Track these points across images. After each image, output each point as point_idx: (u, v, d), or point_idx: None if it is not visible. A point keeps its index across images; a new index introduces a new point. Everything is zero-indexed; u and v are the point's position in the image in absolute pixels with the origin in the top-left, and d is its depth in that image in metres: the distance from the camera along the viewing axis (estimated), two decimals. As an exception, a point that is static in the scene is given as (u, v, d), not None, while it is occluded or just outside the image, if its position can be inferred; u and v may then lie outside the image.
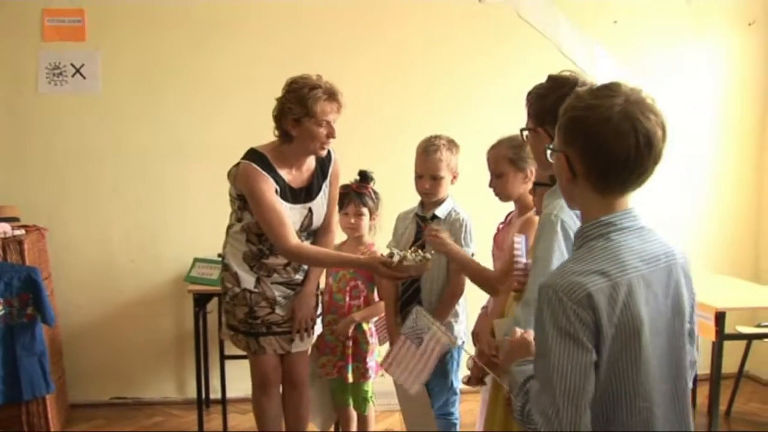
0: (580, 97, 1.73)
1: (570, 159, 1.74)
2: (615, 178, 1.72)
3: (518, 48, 5.22)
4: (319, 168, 3.56)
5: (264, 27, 5.03)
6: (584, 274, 1.66)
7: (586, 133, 1.70)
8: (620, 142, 1.66)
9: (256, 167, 3.33)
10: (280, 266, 3.51)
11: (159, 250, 5.07)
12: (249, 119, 4.88)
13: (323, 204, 3.56)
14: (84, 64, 4.92)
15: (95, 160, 4.99)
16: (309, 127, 3.33)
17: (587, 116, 1.69)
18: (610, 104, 1.67)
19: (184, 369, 5.15)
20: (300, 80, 3.35)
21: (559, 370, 1.62)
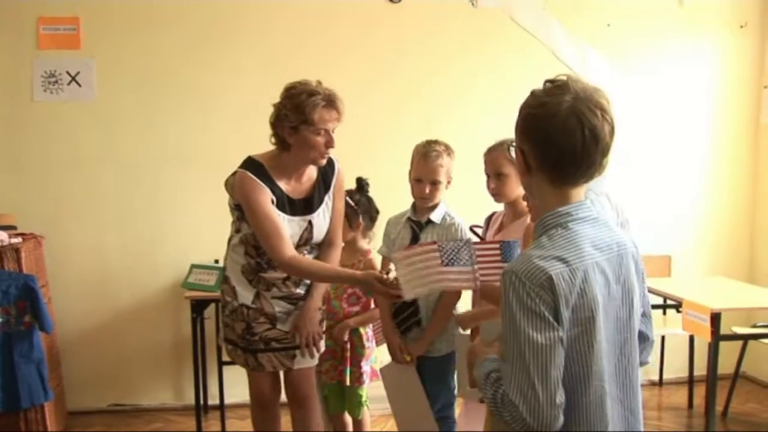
0: (535, 95, 1.83)
1: (525, 153, 1.85)
2: (566, 170, 1.81)
3: (511, 52, 5.25)
4: (321, 179, 3.39)
5: (258, 33, 5.05)
6: (545, 259, 1.76)
7: (538, 128, 1.80)
8: (567, 137, 1.76)
9: (252, 176, 3.19)
10: (279, 280, 3.34)
11: (156, 256, 5.07)
12: (245, 126, 4.94)
13: (325, 217, 3.39)
14: (79, 71, 4.93)
15: (91, 167, 5.00)
16: (306, 136, 3.17)
17: (538, 113, 1.79)
18: (558, 101, 1.77)
19: (182, 375, 5.14)
20: (298, 86, 3.21)
21: (531, 346, 1.70)
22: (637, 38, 5.41)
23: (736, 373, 4.98)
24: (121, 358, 5.10)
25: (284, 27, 5.05)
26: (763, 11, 5.58)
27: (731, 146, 5.61)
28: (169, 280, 5.07)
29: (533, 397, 1.69)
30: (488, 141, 3.32)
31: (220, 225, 4.93)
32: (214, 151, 5.02)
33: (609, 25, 5.38)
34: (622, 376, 1.88)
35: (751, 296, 4.70)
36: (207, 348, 4.92)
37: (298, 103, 3.15)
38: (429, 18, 5.15)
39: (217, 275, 4.62)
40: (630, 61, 5.32)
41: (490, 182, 3.28)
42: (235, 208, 3.35)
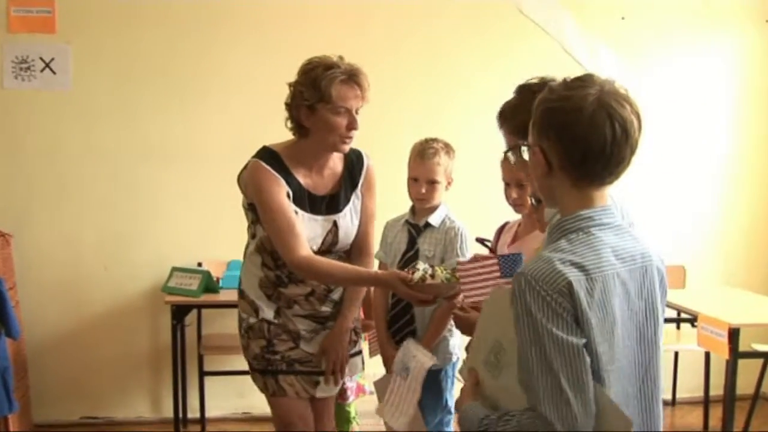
0: (553, 89, 1.78)
1: (545, 151, 1.78)
2: (592, 168, 1.75)
3: (520, 45, 5.19)
4: (348, 174, 3.11)
5: (245, 25, 5.00)
6: (564, 263, 1.70)
7: (562, 123, 1.74)
8: (596, 131, 1.71)
9: (265, 165, 2.93)
10: (301, 297, 3.05)
11: (134, 257, 4.99)
12: (232, 121, 5.01)
13: (352, 219, 3.10)
14: (54, 58, 4.82)
15: (65, 161, 4.90)
16: (324, 116, 2.89)
17: (562, 107, 1.74)
18: (584, 94, 1.72)
19: (160, 386, 5.05)
20: (315, 60, 2.96)
21: (560, 350, 1.64)
22: (654, 32, 5.35)
23: (756, 394, 4.85)
24: (95, 366, 5.00)
25: (272, 20, 5.01)
26: (792, 4, 5.45)
27: (752, 149, 5.53)
28: (149, 283, 5.00)
29: (568, 410, 1.63)
30: (492, 140, 3.16)
31: (204, 225, 4.98)
32: (199, 146, 4.99)
33: (624, 18, 5.32)
34: (647, 401, 1.80)
35: None
36: (187, 357, 4.84)
37: (314, 77, 2.88)
38: (430, 10, 5.07)
39: (200, 279, 4.59)
40: (645, 57, 5.26)
41: (510, 191, 3.15)
42: (248, 208, 3.07)
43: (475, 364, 1.93)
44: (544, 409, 1.64)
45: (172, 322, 4.52)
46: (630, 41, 5.29)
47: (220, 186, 4.76)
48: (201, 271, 4.66)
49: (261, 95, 4.86)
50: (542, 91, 1.85)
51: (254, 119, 4.85)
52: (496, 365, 1.85)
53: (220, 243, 4.96)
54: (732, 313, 4.21)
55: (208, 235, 5.05)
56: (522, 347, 1.67)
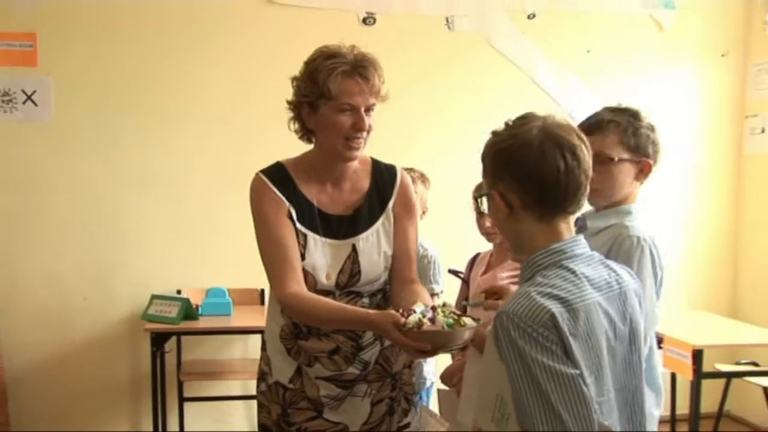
0: (497, 133, 1.79)
1: (503, 194, 1.77)
2: (553, 200, 1.74)
3: (491, 77, 5.28)
4: (375, 190, 2.54)
5: (223, 53, 4.98)
6: (543, 296, 1.65)
7: (513, 161, 1.73)
8: (547, 161, 1.70)
9: (263, 177, 2.46)
10: (323, 354, 2.47)
11: (114, 285, 4.95)
12: (211, 149, 4.98)
13: (380, 244, 2.50)
14: (35, 90, 4.80)
15: (46, 190, 4.86)
16: (326, 114, 2.37)
17: (510, 145, 1.74)
18: (528, 128, 1.73)
19: (140, 412, 5.00)
20: (322, 48, 2.45)
21: (555, 381, 1.58)
22: (618, 64, 5.43)
23: (719, 412, 4.97)
24: (75, 393, 4.94)
25: (250, 47, 5.00)
26: (744, 40, 5.67)
27: (713, 177, 5.65)
28: (128, 310, 4.95)
29: None
30: (465, 169, 3.19)
31: (183, 253, 4.97)
32: (178, 175, 4.97)
33: (589, 51, 5.41)
34: (634, 427, 1.78)
35: (734, 332, 4.71)
36: (167, 383, 4.79)
37: (312, 69, 2.39)
38: (404, 40, 5.13)
39: (179, 307, 4.55)
40: (610, 87, 5.31)
41: (483, 221, 3.18)
42: None
43: (483, 422, 1.80)
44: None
45: (152, 349, 4.49)
46: (595, 73, 5.37)
47: (199, 214, 4.94)
48: (180, 299, 4.63)
49: (239, 122, 4.95)
50: None
51: (232, 146, 4.90)
52: (501, 419, 1.75)
53: (199, 271, 4.98)
54: (695, 335, 4.26)
55: (187, 263, 5.02)
56: (515, 387, 1.61)
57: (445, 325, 2.12)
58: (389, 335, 2.16)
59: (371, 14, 5.09)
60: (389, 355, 2.53)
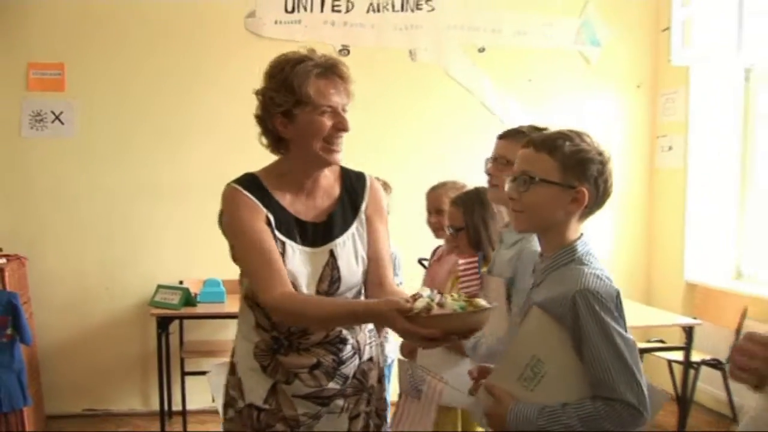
0: (573, 139, 1.88)
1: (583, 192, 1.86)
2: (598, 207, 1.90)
3: (446, 100, 5.49)
4: (347, 196, 2.27)
5: (218, 80, 5.19)
6: (607, 279, 1.79)
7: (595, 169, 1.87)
8: (612, 177, 1.90)
9: (238, 187, 2.15)
10: (304, 369, 2.17)
11: (127, 277, 5.20)
12: (206, 162, 5.16)
13: (356, 248, 2.22)
14: (63, 111, 5.08)
15: (71, 197, 5.13)
16: (305, 119, 2.08)
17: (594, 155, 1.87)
18: (601, 145, 1.91)
19: (148, 384, 5.23)
20: (280, 57, 2.14)
21: (627, 346, 1.72)
22: (554, 91, 5.68)
23: None
24: (95, 367, 5.19)
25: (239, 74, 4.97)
26: (654, 74, 5.91)
27: (631, 186, 5.80)
28: (139, 298, 5.17)
29: (640, 392, 1.71)
30: (420, 178, 3.54)
31: (185, 249, 5.19)
32: (180, 184, 5.20)
33: (530, 80, 5.67)
34: None
35: (647, 315, 4.84)
36: (171, 360, 5.00)
37: (283, 78, 2.09)
38: (374, 68, 5.27)
39: (180, 295, 4.70)
40: (547, 110, 5.53)
41: (431, 218, 3.38)
42: (234, 254, 2.25)
43: (503, 380, 1.80)
44: (625, 395, 1.68)
45: (158, 331, 4.65)
46: (535, 98, 5.63)
47: (198, 215, 4.97)
48: (181, 288, 4.78)
49: (230, 138, 5.06)
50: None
51: (225, 159, 4.96)
52: (533, 378, 1.77)
53: (198, 264, 5.13)
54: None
55: (187, 258, 5.22)
56: (595, 350, 1.69)
57: (457, 308, 1.81)
58: (394, 324, 1.86)
59: (346, 46, 5.31)
60: (366, 369, 2.26)
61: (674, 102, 5.69)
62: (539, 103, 5.61)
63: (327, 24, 5.33)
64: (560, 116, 5.51)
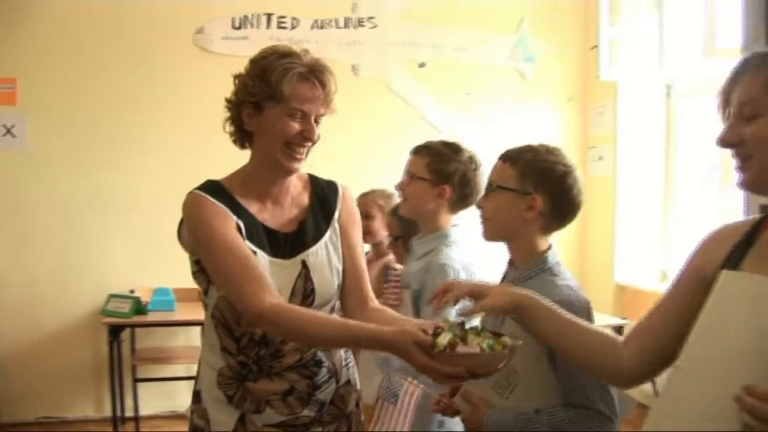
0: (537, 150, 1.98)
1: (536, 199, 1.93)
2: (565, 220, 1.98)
3: (388, 113, 5.64)
4: (318, 203, 2.10)
5: (168, 93, 5.29)
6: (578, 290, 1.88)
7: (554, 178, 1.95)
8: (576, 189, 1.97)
9: (203, 194, 1.95)
10: (276, 396, 1.97)
11: (80, 286, 5.22)
12: (156, 173, 5.24)
13: (330, 258, 2.04)
14: (14, 125, 5.10)
15: (24, 207, 5.15)
16: (272, 116, 1.92)
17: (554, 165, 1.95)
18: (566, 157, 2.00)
19: (101, 391, 5.23)
20: (270, 47, 1.99)
21: None
22: (490, 105, 5.87)
23: None
24: (49, 375, 5.19)
25: (188, 87, 5.28)
26: (584, 89, 6.14)
27: None
28: (91, 307, 5.18)
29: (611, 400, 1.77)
30: (366, 182, 3.65)
31: (136, 259, 5.24)
32: (132, 195, 5.25)
33: (468, 94, 5.85)
34: None
35: None
36: (123, 366, 5.06)
37: (263, 67, 1.92)
38: None
39: (130, 304, 4.75)
40: (484, 123, 5.71)
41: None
42: (197, 269, 2.02)
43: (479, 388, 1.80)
44: (597, 403, 1.72)
45: (110, 339, 4.70)
46: (473, 111, 5.80)
47: (149, 225, 5.15)
48: (132, 297, 4.81)
49: (180, 150, 5.22)
50: None
51: (173, 170, 5.12)
52: (507, 386, 1.79)
53: (149, 273, 5.18)
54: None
55: (138, 266, 5.25)
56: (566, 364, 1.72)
57: (484, 345, 1.64)
58: (412, 358, 1.66)
59: None
60: (344, 393, 2.09)
61: (603, 115, 5.93)
62: (477, 116, 5.78)
63: (273, 40, 5.30)
64: (498, 129, 5.71)
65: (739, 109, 1.40)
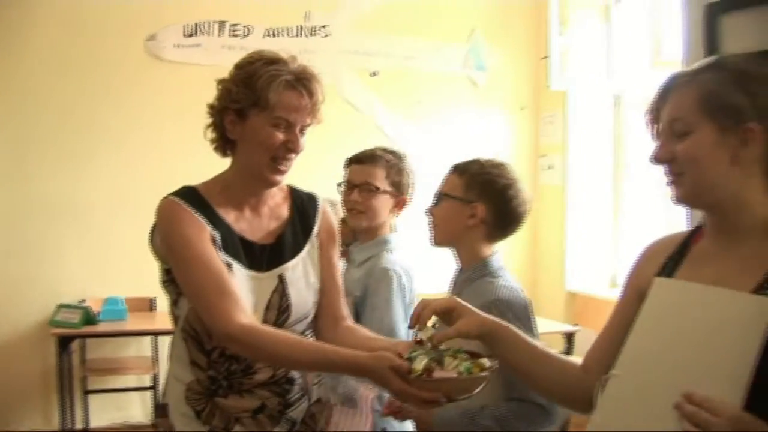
0: (483, 163, 2.18)
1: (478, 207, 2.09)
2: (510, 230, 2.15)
3: (341, 121, 5.53)
4: (297, 217, 2.04)
5: (120, 101, 5.21)
6: (520, 291, 2.00)
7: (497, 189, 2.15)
8: (521, 199, 2.18)
9: (178, 201, 1.88)
10: (246, 414, 1.91)
11: (28, 296, 5.12)
12: (105, 181, 5.17)
13: (307, 275, 1.99)
14: None
15: None
16: (256, 125, 1.86)
17: (498, 176, 2.15)
18: (512, 170, 2.20)
19: (50, 403, 5.15)
20: (257, 52, 1.93)
21: None
22: (443, 113, 5.92)
23: None
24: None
25: (141, 95, 5.23)
26: (535, 98, 6.21)
27: None
28: (39, 316, 5.09)
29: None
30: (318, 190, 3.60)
31: (85, 268, 5.16)
32: (82, 203, 5.16)
33: (420, 101, 5.90)
34: None
35: None
36: (73, 378, 5.00)
37: (249, 73, 1.86)
38: None
39: (80, 314, 4.69)
40: (436, 131, 5.78)
41: None
42: (168, 280, 1.94)
43: None
44: (535, 396, 1.82)
45: (59, 350, 4.64)
46: (425, 119, 5.86)
47: (99, 234, 5.09)
48: (82, 307, 4.76)
49: (134, 152, 5.17)
50: None
51: (123, 179, 5.10)
52: None
53: (99, 282, 5.10)
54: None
55: (88, 276, 5.17)
56: None
57: (462, 369, 1.60)
58: (388, 384, 1.62)
59: None
60: (315, 412, 2.04)
61: (553, 124, 6.00)
62: (430, 124, 5.84)
63: (225, 48, 5.43)
64: (450, 137, 5.82)
65: (670, 126, 1.45)
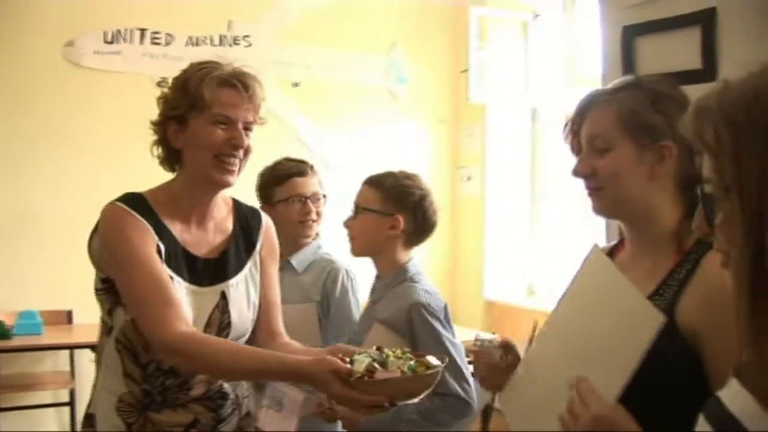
0: (404, 178, 2.33)
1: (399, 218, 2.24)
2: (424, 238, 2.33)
3: (264, 130, 5.44)
4: (240, 231, 2.02)
5: (46, 110, 5.07)
6: (437, 294, 2.14)
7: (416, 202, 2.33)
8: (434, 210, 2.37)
9: (125, 207, 1.84)
10: (179, 428, 1.87)
11: None
12: (23, 189, 5.01)
13: (248, 292, 1.98)
14: None
15: None
16: (196, 127, 1.84)
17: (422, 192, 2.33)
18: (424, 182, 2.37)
19: None
20: (192, 62, 1.93)
21: (456, 352, 2.06)
22: (363, 124, 5.96)
23: None
24: None
25: (65, 103, 5.10)
26: (455, 111, 6.30)
27: None
28: None
29: (469, 387, 2.04)
30: None
31: (11, 276, 4.97)
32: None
33: (342, 113, 5.94)
34: None
35: None
36: None
37: (183, 78, 1.87)
38: None
39: None
40: (356, 141, 5.83)
41: None
42: (102, 285, 1.88)
43: None
44: (456, 390, 1.99)
45: None
46: (346, 131, 5.87)
47: (13, 245, 4.93)
48: None
49: (49, 160, 5.01)
50: None
51: (39, 184, 4.96)
52: None
53: (13, 295, 4.93)
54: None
55: (1, 289, 4.97)
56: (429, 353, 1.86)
57: (405, 369, 1.55)
58: (328, 388, 1.57)
59: (165, 79, 5.15)
60: (245, 425, 2.02)
61: (472, 136, 6.09)
62: (351, 135, 5.86)
63: (146, 56, 5.36)
64: (370, 148, 5.85)
65: (590, 141, 1.51)
